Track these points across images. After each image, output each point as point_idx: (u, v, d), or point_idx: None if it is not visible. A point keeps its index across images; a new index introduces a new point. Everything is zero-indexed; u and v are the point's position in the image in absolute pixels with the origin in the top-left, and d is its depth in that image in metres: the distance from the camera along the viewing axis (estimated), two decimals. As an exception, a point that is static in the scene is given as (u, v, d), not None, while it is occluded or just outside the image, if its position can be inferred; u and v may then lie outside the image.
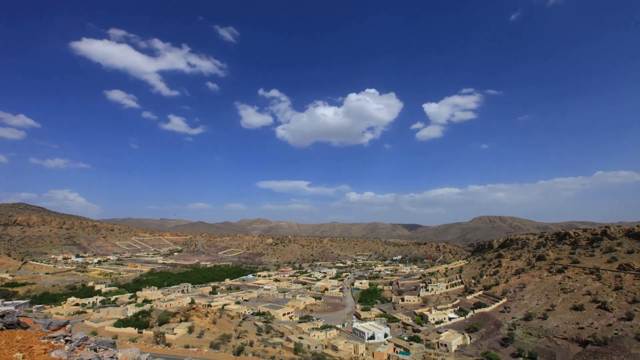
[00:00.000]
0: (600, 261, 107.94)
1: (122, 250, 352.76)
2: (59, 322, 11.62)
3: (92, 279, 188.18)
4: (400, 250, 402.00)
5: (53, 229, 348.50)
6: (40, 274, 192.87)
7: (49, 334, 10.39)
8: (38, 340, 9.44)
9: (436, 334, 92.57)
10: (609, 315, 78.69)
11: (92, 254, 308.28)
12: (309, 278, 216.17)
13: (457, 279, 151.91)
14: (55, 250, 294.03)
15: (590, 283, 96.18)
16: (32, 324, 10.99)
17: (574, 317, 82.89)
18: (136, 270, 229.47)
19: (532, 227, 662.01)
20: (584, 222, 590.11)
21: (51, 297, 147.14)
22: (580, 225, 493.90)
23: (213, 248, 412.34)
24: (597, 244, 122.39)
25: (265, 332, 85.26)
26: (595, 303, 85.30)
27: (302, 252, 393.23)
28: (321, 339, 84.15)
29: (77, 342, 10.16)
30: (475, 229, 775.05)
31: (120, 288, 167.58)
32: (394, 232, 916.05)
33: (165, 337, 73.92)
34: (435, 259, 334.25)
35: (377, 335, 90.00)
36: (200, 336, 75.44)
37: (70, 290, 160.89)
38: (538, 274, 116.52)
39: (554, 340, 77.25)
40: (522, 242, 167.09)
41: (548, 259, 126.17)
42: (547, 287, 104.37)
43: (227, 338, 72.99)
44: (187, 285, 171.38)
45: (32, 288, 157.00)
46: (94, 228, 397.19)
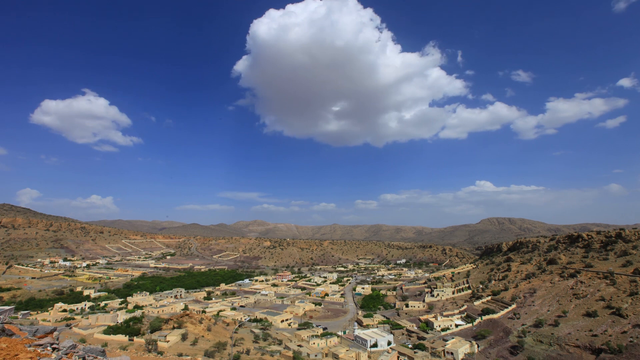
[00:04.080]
0: (614, 265, 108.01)
1: (112, 254, 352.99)
2: (45, 329, 11.65)
3: (81, 284, 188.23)
4: (405, 254, 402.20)
5: (40, 231, 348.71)
6: (26, 278, 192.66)
7: (36, 341, 10.40)
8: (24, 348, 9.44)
9: (442, 341, 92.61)
10: (623, 322, 78.70)
11: (80, 257, 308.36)
12: (309, 283, 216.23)
13: (464, 283, 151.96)
14: (41, 254, 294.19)
15: (603, 288, 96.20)
16: (17, 331, 11.00)
17: (587, 323, 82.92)
18: (127, 275, 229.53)
19: (543, 230, 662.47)
20: (598, 224, 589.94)
21: (37, 302, 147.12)
22: (593, 228, 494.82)
23: (208, 251, 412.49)
24: (611, 247, 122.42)
25: (262, 339, 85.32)
26: (609, 309, 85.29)
27: (301, 255, 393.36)
28: (321, 347, 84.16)
29: (64, 350, 10.18)
30: (483, 231, 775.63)
31: (110, 293, 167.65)
32: (398, 235, 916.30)
33: (157, 344, 73.94)
34: (441, 263, 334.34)
35: (380, 343, 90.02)
36: (194, 344, 75.48)
37: (58, 295, 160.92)
38: (549, 278, 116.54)
39: (565, 348, 77.28)
40: (533, 245, 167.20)
41: (560, 262, 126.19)
42: (558, 293, 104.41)
43: (223, 346, 73.03)
44: (181, 291, 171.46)
45: (18, 293, 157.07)
46: (83, 230, 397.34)
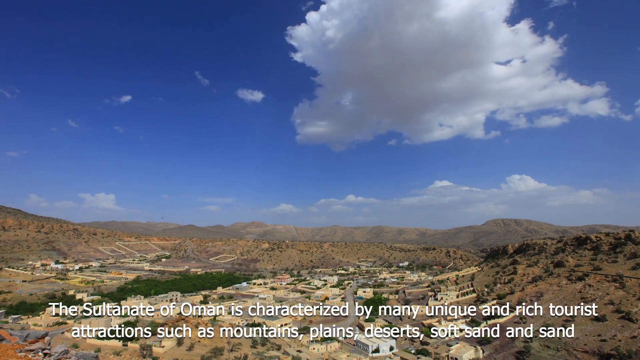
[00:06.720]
0: (623, 268, 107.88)
1: (105, 256, 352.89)
2: (37, 334, 11.60)
3: (73, 287, 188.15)
4: (407, 256, 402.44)
5: (30, 232, 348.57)
6: (16, 281, 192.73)
7: (26, 346, 10.36)
8: (14, 354, 9.40)
9: (446, 347, 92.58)
10: (633, 326, 78.69)
11: (72, 260, 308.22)
12: (308, 286, 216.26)
13: (469, 287, 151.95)
14: (32, 256, 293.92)
15: (612, 291, 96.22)
16: (7, 336, 10.95)
17: (595, 328, 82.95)
18: (121, 278, 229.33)
19: (550, 231, 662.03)
20: (606, 226, 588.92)
21: (29, 306, 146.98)
22: (602, 229, 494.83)
23: (204, 253, 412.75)
24: (621, 250, 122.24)
25: (260, 344, 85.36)
26: (618, 313, 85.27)
27: (300, 258, 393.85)
28: (321, 352, 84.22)
29: (56, 356, 10.14)
30: (488, 232, 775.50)
31: (103, 297, 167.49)
32: (400, 237, 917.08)
33: (152, 350, 73.98)
34: (445, 266, 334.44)
35: (382, 348, 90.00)
36: (190, 349, 75.55)
37: (50, 299, 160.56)
38: (556, 281, 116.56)
39: (573, 353, 77.29)
40: (540, 247, 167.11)
41: (567, 265, 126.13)
42: (566, 296, 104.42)
43: (220, 351, 73.08)
44: (176, 294, 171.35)
45: (8, 297, 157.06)
46: (75, 232, 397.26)
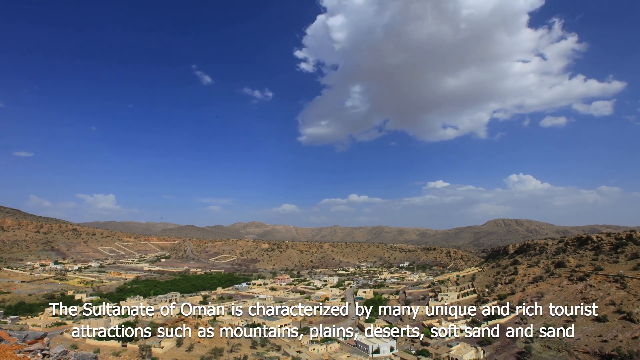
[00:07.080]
0: (625, 268, 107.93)
1: (104, 257, 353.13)
2: (36, 335, 11.69)
3: (72, 288, 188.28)
4: (408, 257, 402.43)
5: (29, 233, 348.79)
6: (15, 282, 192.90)
7: (25, 347, 10.45)
8: (13, 354, 9.49)
9: (446, 347, 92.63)
10: (634, 327, 78.75)
11: (71, 260, 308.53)
12: (308, 286, 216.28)
13: (470, 287, 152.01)
14: (31, 256, 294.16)
15: (614, 292, 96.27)
16: (6, 337, 11.04)
17: (596, 329, 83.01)
18: (120, 278, 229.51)
19: (551, 232, 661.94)
20: (608, 226, 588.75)
21: (27, 307, 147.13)
22: (603, 229, 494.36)
23: (204, 254, 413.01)
24: (622, 250, 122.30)
25: (260, 345, 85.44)
26: (619, 314, 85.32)
27: (300, 258, 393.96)
28: (321, 352, 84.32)
29: (55, 357, 10.23)
30: (489, 233, 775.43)
31: (102, 297, 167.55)
32: (401, 237, 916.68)
33: (151, 350, 74.07)
34: (445, 266, 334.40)
35: (382, 349, 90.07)
36: (189, 350, 75.64)
37: (49, 299, 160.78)
38: (557, 282, 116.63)
39: (574, 354, 77.36)
40: (540, 247, 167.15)
41: (568, 265, 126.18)
42: (567, 297, 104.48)
43: (219, 352, 73.20)
44: (176, 295, 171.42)
45: (7, 297, 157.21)
46: (74, 232, 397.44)
